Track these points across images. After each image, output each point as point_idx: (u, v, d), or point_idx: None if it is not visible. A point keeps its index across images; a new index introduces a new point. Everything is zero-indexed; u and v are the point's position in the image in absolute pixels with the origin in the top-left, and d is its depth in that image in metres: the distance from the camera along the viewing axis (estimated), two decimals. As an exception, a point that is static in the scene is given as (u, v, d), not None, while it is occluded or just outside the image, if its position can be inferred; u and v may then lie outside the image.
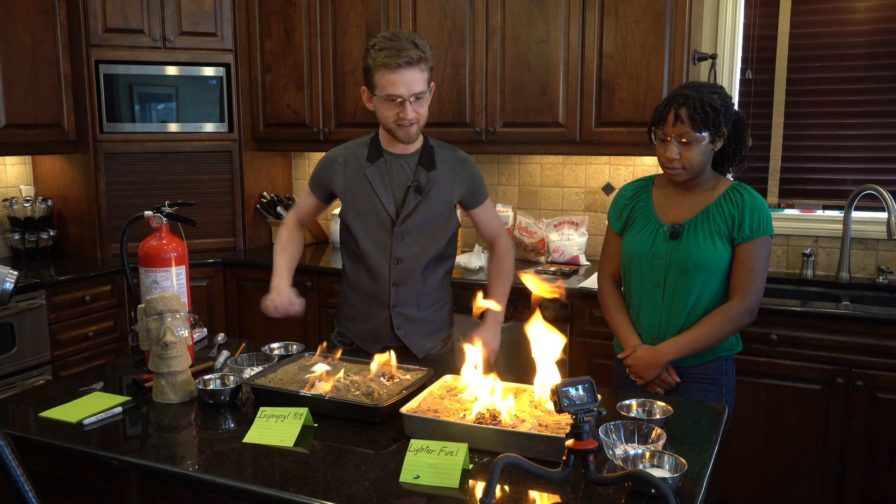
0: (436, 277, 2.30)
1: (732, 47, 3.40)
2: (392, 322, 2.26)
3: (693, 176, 2.06)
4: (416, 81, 2.08)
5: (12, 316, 3.15)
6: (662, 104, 2.04)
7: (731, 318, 2.04)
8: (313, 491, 1.38)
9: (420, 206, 2.20)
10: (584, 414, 1.34)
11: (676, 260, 2.06)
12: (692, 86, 2.03)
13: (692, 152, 2.00)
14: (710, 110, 1.97)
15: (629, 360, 2.13)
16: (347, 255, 2.34)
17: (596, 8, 3.20)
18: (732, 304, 2.04)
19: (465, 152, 2.32)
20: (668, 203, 2.14)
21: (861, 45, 3.21)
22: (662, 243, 2.09)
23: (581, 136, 3.31)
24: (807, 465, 2.81)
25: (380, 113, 2.14)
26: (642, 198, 2.19)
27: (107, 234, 3.82)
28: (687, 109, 1.97)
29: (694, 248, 2.04)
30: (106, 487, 1.60)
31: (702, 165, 2.04)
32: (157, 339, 1.79)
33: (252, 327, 3.81)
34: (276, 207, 4.13)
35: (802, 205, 3.40)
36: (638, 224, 2.16)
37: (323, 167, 2.32)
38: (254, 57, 3.96)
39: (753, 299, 2.04)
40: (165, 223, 2.04)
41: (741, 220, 2.02)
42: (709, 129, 1.98)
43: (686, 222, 2.08)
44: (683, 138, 1.99)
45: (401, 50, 2.04)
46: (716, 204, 2.07)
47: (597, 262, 3.57)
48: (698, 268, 2.04)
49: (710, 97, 1.98)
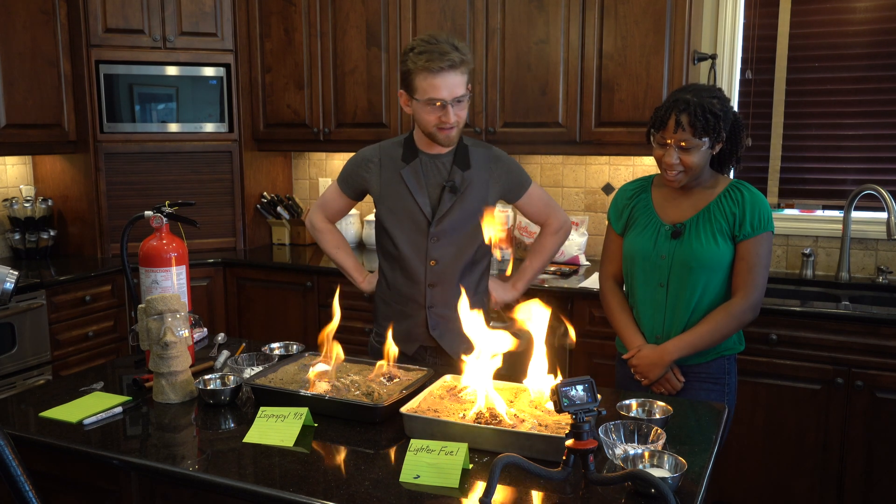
0: (472, 278, 2.29)
1: (732, 47, 3.40)
2: (428, 323, 2.26)
3: (691, 180, 2.07)
4: (458, 85, 2.08)
5: (12, 316, 3.15)
6: (663, 109, 2.03)
7: (734, 316, 2.04)
8: (313, 491, 1.38)
9: (455, 207, 2.20)
10: (583, 414, 1.34)
11: (679, 259, 2.07)
12: (692, 90, 2.02)
13: (692, 157, 2.00)
14: (711, 116, 1.96)
15: (634, 360, 2.13)
16: (384, 256, 2.33)
17: (596, 8, 3.20)
18: (735, 301, 2.05)
19: (498, 148, 2.32)
20: (669, 202, 2.15)
21: (861, 45, 3.21)
22: (664, 243, 2.09)
23: (581, 136, 3.31)
24: (807, 465, 2.81)
25: (420, 117, 2.13)
26: (642, 198, 2.19)
27: (107, 234, 3.82)
28: (688, 116, 1.96)
29: (696, 247, 2.05)
30: (106, 487, 1.60)
31: (700, 169, 2.05)
32: (157, 339, 1.79)
33: (252, 327, 3.81)
34: (276, 207, 4.14)
35: (802, 205, 3.40)
36: (639, 224, 2.16)
37: (356, 165, 2.32)
38: (254, 57, 3.96)
39: (756, 296, 2.04)
40: (165, 223, 2.04)
41: (742, 217, 2.03)
42: (709, 134, 1.98)
43: (687, 221, 2.09)
44: (684, 144, 1.99)
45: (443, 53, 2.03)
46: (716, 202, 2.07)
47: (597, 262, 3.57)
48: (701, 266, 2.04)
49: (710, 102, 1.97)
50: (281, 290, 3.71)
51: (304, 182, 4.42)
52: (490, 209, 2.11)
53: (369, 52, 3.68)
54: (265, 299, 3.77)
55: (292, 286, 3.67)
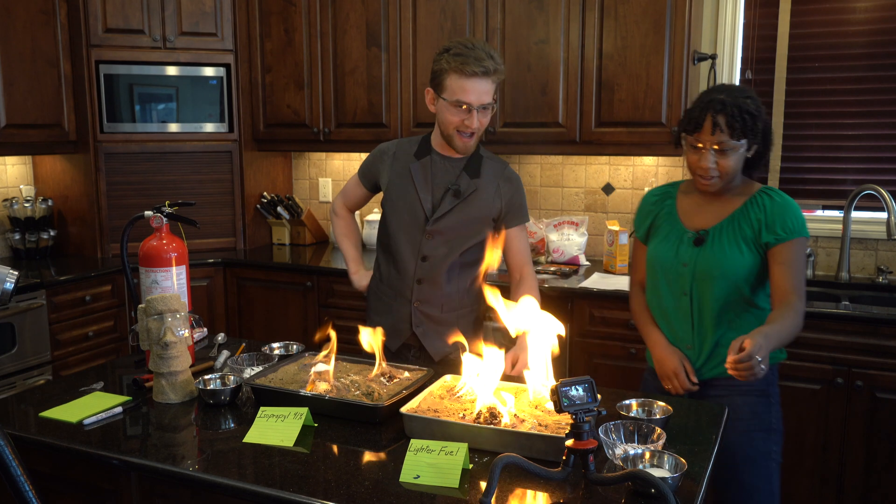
0: (462, 282, 2.30)
1: (732, 47, 3.40)
2: (412, 319, 2.27)
3: (726, 185, 1.97)
4: (487, 92, 2.10)
5: (12, 316, 3.15)
6: (696, 110, 1.92)
7: (800, 314, 1.87)
8: (313, 491, 1.38)
9: (455, 210, 2.22)
10: (583, 414, 1.34)
11: (701, 267, 1.97)
12: (725, 90, 1.92)
13: (729, 160, 1.90)
14: (748, 117, 1.87)
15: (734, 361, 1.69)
16: (381, 249, 2.37)
17: (596, 8, 3.20)
18: (793, 301, 1.87)
19: (514, 171, 2.32)
20: (694, 209, 2.05)
21: (861, 45, 3.21)
22: (687, 250, 2.00)
23: (581, 136, 3.31)
24: (806, 465, 2.81)
25: (443, 116, 2.15)
26: (667, 204, 2.10)
27: (107, 234, 3.82)
28: (725, 116, 1.86)
29: (719, 255, 1.95)
30: (106, 487, 1.60)
31: (735, 173, 1.94)
32: (157, 339, 1.79)
33: (252, 327, 3.81)
34: (277, 207, 4.14)
35: (802, 205, 3.37)
36: (662, 231, 2.08)
37: (373, 157, 2.37)
38: (254, 57, 3.96)
39: (804, 301, 1.90)
40: (165, 223, 2.04)
41: (770, 222, 1.92)
42: (746, 136, 1.88)
43: (711, 228, 1.99)
44: (721, 146, 1.88)
45: (479, 59, 2.07)
46: (742, 209, 1.97)
47: (597, 261, 3.58)
48: (724, 275, 1.94)
49: (745, 102, 1.88)
50: (281, 290, 3.71)
51: (304, 182, 4.42)
52: (494, 238, 2.14)
53: (369, 52, 3.68)
54: (265, 299, 3.77)
55: (292, 286, 3.68)
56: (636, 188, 3.61)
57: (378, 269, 2.40)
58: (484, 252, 2.29)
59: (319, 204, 4.38)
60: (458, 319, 2.30)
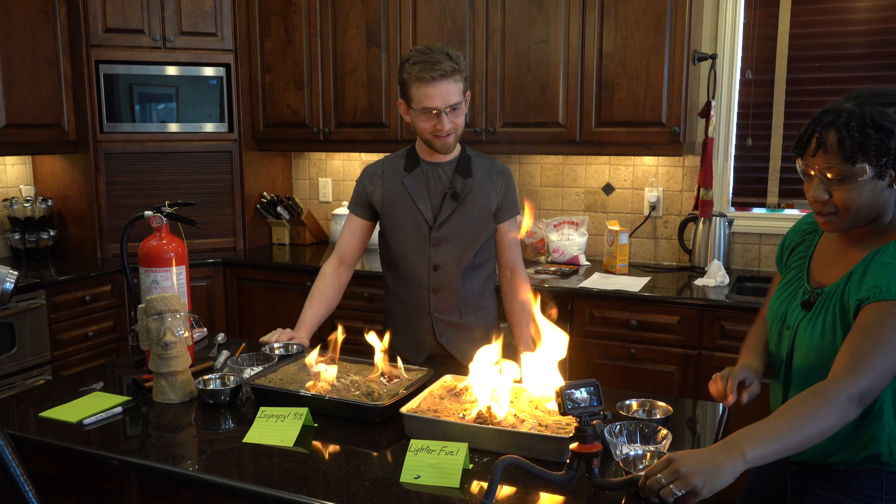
0: (475, 283, 2.29)
1: (732, 47, 3.40)
2: (434, 329, 2.26)
3: (856, 225, 1.45)
4: (452, 93, 2.09)
5: (12, 316, 3.15)
6: (807, 125, 1.46)
7: (834, 410, 1.32)
8: (313, 491, 1.38)
9: (456, 213, 2.21)
10: (588, 417, 1.33)
11: (800, 340, 1.53)
12: (856, 96, 1.43)
13: (847, 192, 1.40)
14: (873, 131, 1.36)
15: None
16: (387, 266, 2.34)
17: (596, 8, 3.20)
18: (835, 389, 1.34)
19: (503, 164, 2.32)
20: (827, 255, 1.57)
21: (861, 45, 3.21)
22: (794, 311, 1.56)
23: (581, 136, 3.31)
24: (807, 466, 2.80)
25: (417, 125, 2.16)
26: (808, 240, 1.65)
27: (107, 234, 3.82)
28: (836, 133, 1.38)
29: (810, 334, 1.49)
30: (106, 487, 1.60)
31: (869, 210, 1.42)
32: (157, 339, 1.79)
33: (252, 327, 3.81)
34: (276, 207, 4.14)
35: (802, 205, 3.40)
36: (787, 277, 1.65)
37: (360, 182, 2.32)
38: (254, 57, 3.96)
39: (864, 382, 1.34)
40: (165, 223, 2.04)
41: (869, 278, 1.42)
42: (868, 159, 1.37)
43: (829, 288, 1.51)
44: (830, 173, 1.41)
45: (434, 63, 2.06)
46: (862, 263, 1.47)
47: (597, 261, 3.58)
48: (821, 363, 1.45)
49: (877, 111, 1.37)
50: (281, 290, 3.71)
51: (304, 182, 4.41)
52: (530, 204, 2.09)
53: (369, 52, 3.68)
54: (265, 299, 3.77)
55: (292, 286, 3.67)
56: (636, 188, 3.61)
57: (387, 287, 2.36)
58: (490, 251, 2.30)
59: (319, 204, 4.38)
60: (478, 320, 2.31)
